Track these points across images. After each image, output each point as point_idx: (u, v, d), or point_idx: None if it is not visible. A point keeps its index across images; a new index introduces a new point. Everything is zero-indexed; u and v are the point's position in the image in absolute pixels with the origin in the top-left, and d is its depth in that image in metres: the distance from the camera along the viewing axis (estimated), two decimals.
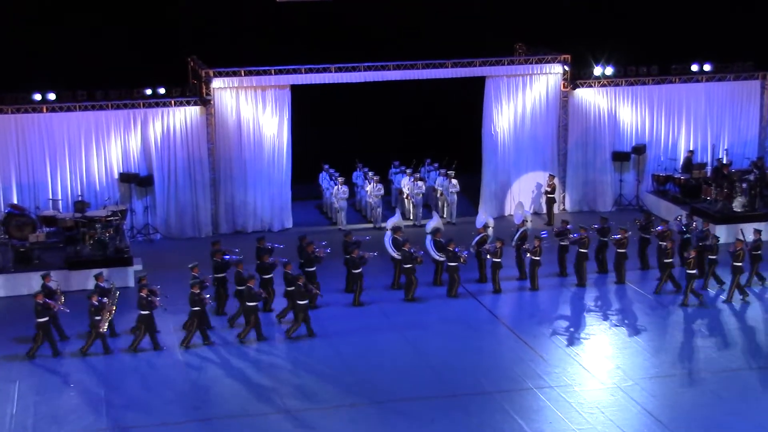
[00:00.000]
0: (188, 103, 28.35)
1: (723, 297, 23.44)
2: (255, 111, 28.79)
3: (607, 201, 31.39)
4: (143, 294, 20.65)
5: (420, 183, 29.75)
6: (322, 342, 21.22)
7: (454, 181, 29.73)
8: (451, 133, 33.00)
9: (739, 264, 23.11)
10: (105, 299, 20.62)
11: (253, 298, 21.12)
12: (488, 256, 24.33)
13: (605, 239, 25.28)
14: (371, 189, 29.46)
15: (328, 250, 23.72)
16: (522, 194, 30.76)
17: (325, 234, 28.03)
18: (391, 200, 30.91)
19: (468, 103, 31.30)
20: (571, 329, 22.07)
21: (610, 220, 26.04)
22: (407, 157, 31.18)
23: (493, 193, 30.65)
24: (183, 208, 28.76)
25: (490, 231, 25.67)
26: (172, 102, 28.25)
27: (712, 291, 23.88)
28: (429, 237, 24.89)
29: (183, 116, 28.36)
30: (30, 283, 23.87)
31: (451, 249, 23.78)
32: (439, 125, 33.57)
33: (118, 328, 21.58)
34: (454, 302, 23.65)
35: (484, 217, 26.32)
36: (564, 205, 31.40)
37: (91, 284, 22.82)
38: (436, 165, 31.04)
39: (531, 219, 27.46)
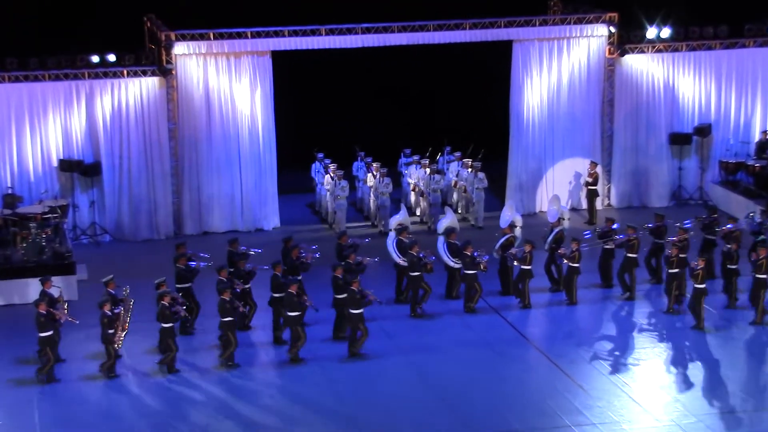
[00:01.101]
0: (144, 74, 28.25)
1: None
2: (228, 84, 28.71)
3: (663, 194, 31.33)
4: (165, 303, 20.80)
5: (437, 176, 29.57)
6: (310, 368, 21.15)
7: (481, 175, 29.50)
8: (471, 111, 32.88)
9: (763, 276, 22.77)
10: (120, 309, 20.92)
11: (294, 307, 21.21)
12: (515, 263, 24.22)
13: (660, 241, 25.13)
14: (376, 184, 29.29)
15: (317, 255, 23.66)
16: (557, 186, 30.68)
17: (316, 236, 27.98)
18: (401, 198, 30.66)
19: (491, 75, 31.17)
20: (617, 353, 21.92)
21: (667, 217, 25.88)
22: (421, 144, 30.96)
23: (521, 185, 30.61)
24: (138, 203, 28.70)
25: (517, 231, 25.54)
26: (125, 72, 28.14)
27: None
28: (442, 238, 24.74)
29: (138, 90, 28.27)
30: None
31: (469, 253, 23.65)
32: (457, 102, 33.43)
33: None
34: (473, 319, 23.55)
35: (510, 214, 26.20)
36: (609, 199, 31.36)
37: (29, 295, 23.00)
38: (458, 154, 30.86)
39: (569, 216, 27.24)
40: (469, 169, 29.80)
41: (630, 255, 24.38)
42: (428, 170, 29.68)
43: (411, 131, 32.13)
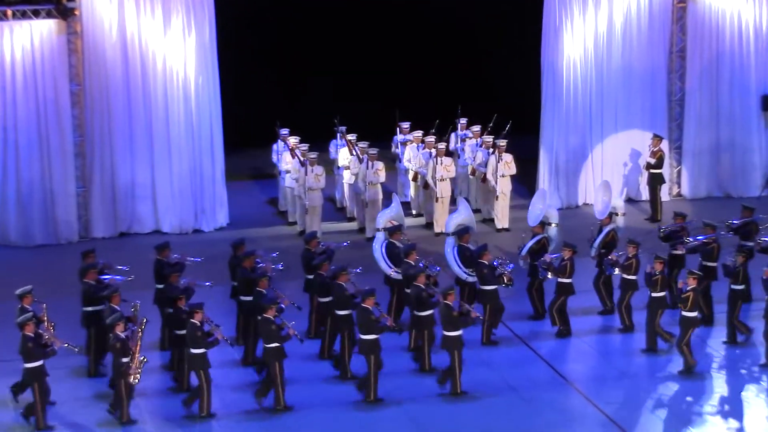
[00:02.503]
0: (37, 15, 28.28)
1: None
2: (153, 30, 28.79)
3: (753, 180, 31.64)
4: (196, 321, 21.14)
5: (447, 160, 29.61)
6: (271, 421, 21.20)
7: (507, 158, 29.57)
8: (493, 69, 33.10)
9: None
10: (135, 328, 21.40)
11: (370, 328, 21.57)
12: (550, 275, 24.21)
13: (749, 244, 25.07)
14: (363, 171, 29.26)
15: (281, 267, 23.75)
16: (607, 170, 30.94)
17: (277, 240, 28.20)
18: (396, 187, 30.92)
19: (517, 18, 31.39)
20: (689, 398, 21.95)
21: (759, 211, 26.01)
22: (424, 116, 30.88)
23: (558, 168, 30.89)
24: (29, 195, 28.83)
25: (552, 231, 25.68)
26: (9, 12, 28.12)
27: None
28: (451, 241, 24.87)
29: (28, 37, 28.34)
30: None
31: (488, 262, 23.71)
32: (473, 57, 33.57)
33: None
34: (491, 353, 23.68)
35: (542, 207, 26.23)
36: (679, 187, 31.66)
37: None
38: (476, 129, 30.82)
39: (624, 211, 27.44)
40: (491, 150, 29.75)
41: (707, 264, 24.26)
42: (434, 151, 29.65)
43: (410, 98, 32.15)
